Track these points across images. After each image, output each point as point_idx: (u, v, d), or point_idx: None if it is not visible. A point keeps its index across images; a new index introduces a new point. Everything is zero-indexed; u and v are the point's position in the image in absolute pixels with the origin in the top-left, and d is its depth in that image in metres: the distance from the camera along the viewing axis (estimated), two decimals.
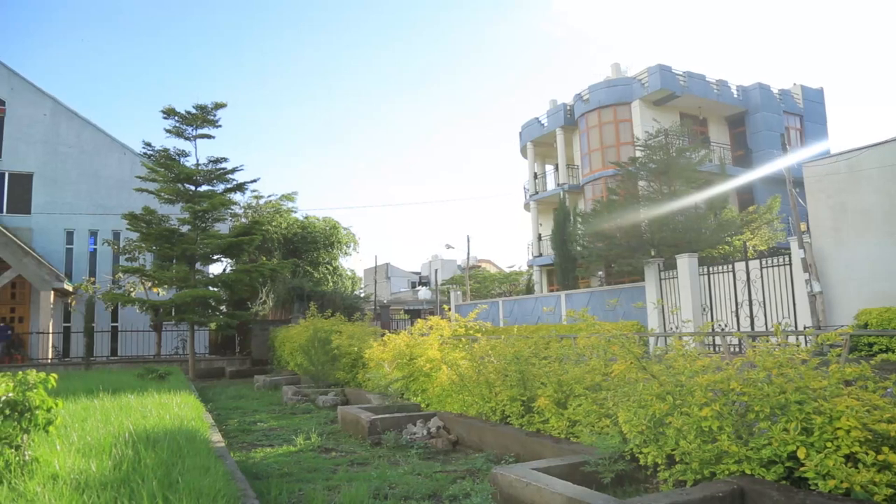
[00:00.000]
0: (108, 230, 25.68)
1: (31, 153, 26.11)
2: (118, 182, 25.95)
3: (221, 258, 21.85)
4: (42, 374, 4.24)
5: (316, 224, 34.04)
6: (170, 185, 19.01)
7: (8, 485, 3.80)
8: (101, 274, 25.11)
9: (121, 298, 19.69)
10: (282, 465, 6.06)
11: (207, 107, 18.94)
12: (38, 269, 21.67)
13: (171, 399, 8.70)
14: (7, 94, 26.23)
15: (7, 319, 24.30)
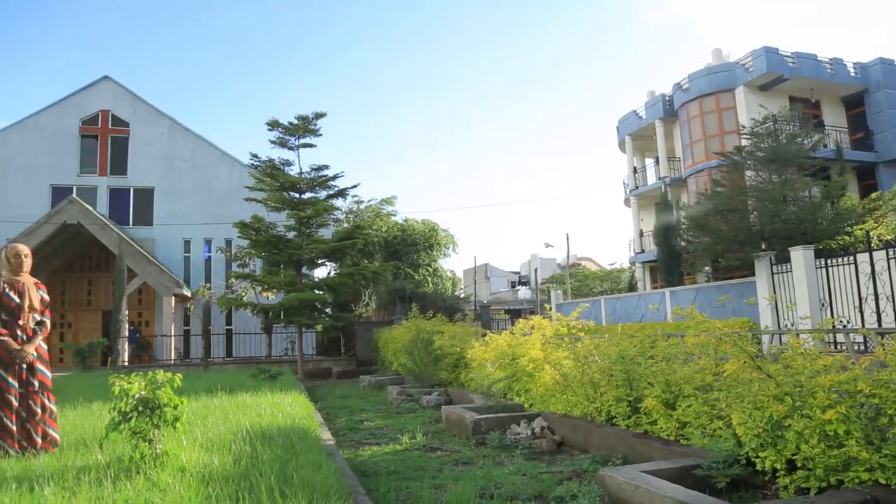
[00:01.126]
0: (220, 238, 27.16)
1: (151, 169, 28.05)
2: (228, 192, 27.38)
3: (326, 262, 22.63)
4: (168, 373, 4.55)
5: (415, 226, 34.62)
6: (276, 193, 19.88)
7: (144, 475, 4.11)
8: (215, 279, 26.59)
9: (234, 303, 20.75)
10: (389, 464, 6.19)
11: (308, 117, 19.65)
12: (161, 277, 23.21)
13: (283, 398, 9.08)
14: (131, 117, 28.27)
15: (135, 323, 26.17)
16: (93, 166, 27.98)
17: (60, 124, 27.86)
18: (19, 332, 5.25)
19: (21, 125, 27.85)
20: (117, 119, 28.24)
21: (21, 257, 5.46)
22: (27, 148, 27.49)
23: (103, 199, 27.52)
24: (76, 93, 28.29)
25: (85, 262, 26.84)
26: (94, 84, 28.49)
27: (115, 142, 28.20)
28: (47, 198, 26.85)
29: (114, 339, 20.91)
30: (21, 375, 5.20)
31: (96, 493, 3.80)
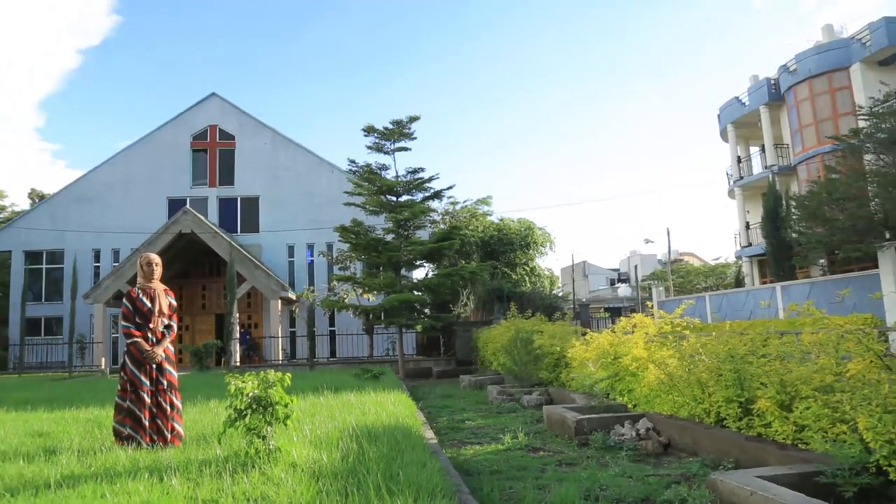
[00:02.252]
0: (322, 243, 28.10)
1: (256, 179, 29.43)
2: (328, 198, 28.27)
3: (424, 263, 22.97)
4: (279, 373, 4.76)
5: (511, 226, 34.52)
6: (373, 197, 20.35)
7: (259, 470, 4.33)
8: (318, 282, 27.54)
9: (336, 305, 21.40)
10: (491, 463, 6.20)
11: (403, 121, 20.00)
12: (268, 281, 24.28)
13: (386, 397, 9.28)
14: (236, 130, 29.78)
15: (245, 325, 27.51)
16: (203, 178, 29.69)
17: (174, 140, 29.73)
18: (150, 335, 5.66)
19: (140, 143, 29.94)
20: (224, 133, 29.82)
21: (153, 266, 5.89)
22: (146, 164, 29.49)
23: (213, 209, 29.12)
24: (187, 110, 30.12)
25: (199, 269, 28.47)
26: (203, 101, 30.23)
27: (222, 154, 29.79)
28: (164, 209, 28.70)
29: (226, 340, 22.05)
30: (152, 374, 5.60)
31: (217, 484, 4.03)
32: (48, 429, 6.77)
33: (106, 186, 29.37)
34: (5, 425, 7.04)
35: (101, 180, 29.55)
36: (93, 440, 5.90)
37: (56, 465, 4.74)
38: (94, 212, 29.02)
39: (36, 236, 28.99)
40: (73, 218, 29.01)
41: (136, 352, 5.58)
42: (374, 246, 20.31)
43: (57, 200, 29.89)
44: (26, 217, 29.95)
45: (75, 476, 4.35)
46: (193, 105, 30.20)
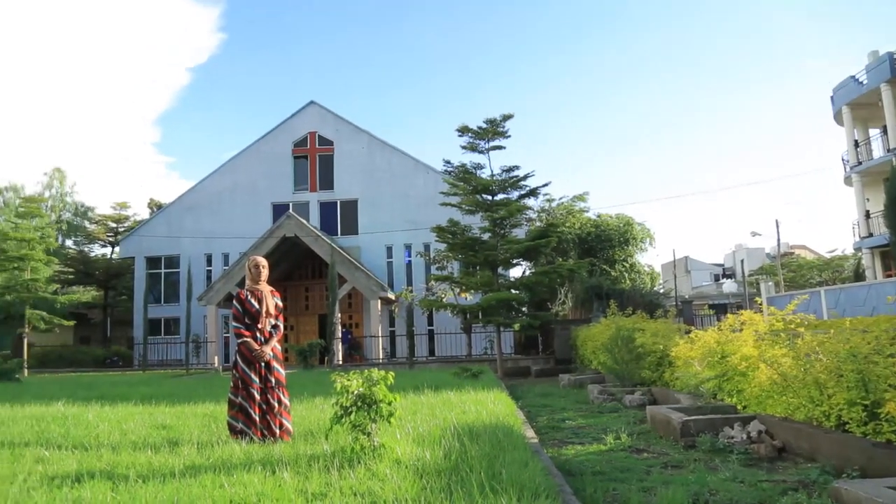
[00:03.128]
0: (419, 243, 28.51)
1: (354, 182, 30.25)
2: (424, 199, 28.66)
3: (520, 262, 22.86)
4: (382, 371, 4.88)
5: (609, 222, 33.80)
6: (469, 196, 20.44)
7: (364, 466, 4.45)
8: (416, 282, 27.97)
9: (434, 304, 21.65)
10: (593, 464, 6.08)
11: (496, 119, 19.97)
12: (367, 282, 24.89)
13: (486, 396, 9.31)
14: (334, 135, 30.72)
15: (347, 325, 28.31)
16: (304, 183, 30.83)
17: (276, 148, 31.05)
18: (259, 335, 5.95)
19: (245, 153, 31.48)
20: (323, 139, 30.86)
21: (260, 268, 6.20)
22: (251, 172, 30.98)
23: (315, 213, 30.17)
24: (287, 119, 31.41)
25: (302, 271, 29.58)
26: (302, 110, 31.41)
27: (322, 160, 30.83)
28: (269, 214, 30.02)
29: (329, 340, 22.77)
30: (261, 372, 5.88)
31: (325, 479, 4.17)
32: (170, 422, 7.22)
33: (215, 195, 31.07)
34: (134, 418, 7.57)
35: (211, 189, 31.29)
36: (210, 434, 6.24)
37: (178, 456, 5.05)
38: (205, 219, 30.76)
39: (154, 243, 31.08)
40: (187, 225, 30.87)
41: (246, 351, 5.87)
42: (471, 245, 20.40)
43: (172, 209, 31.92)
44: (146, 226, 32.15)
45: (196, 466, 4.62)
46: (293, 114, 31.43)
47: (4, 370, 16.85)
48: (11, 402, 9.78)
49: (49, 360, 28.48)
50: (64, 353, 30.14)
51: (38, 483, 4.29)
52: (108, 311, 38.15)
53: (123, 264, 35.06)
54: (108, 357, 30.25)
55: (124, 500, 3.75)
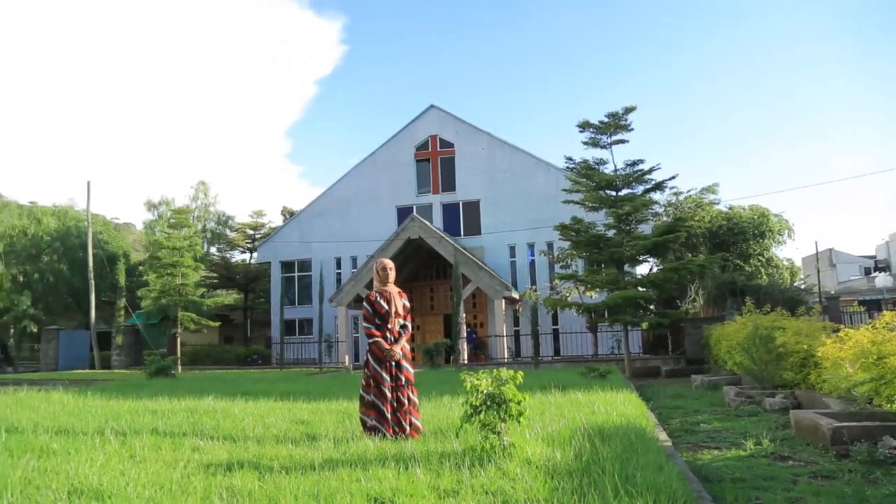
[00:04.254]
0: (542, 242, 28.31)
1: (476, 183, 30.50)
2: (546, 197, 28.43)
3: (647, 258, 22.16)
4: (511, 371, 4.88)
5: (742, 214, 31.97)
6: (592, 193, 20.04)
7: (495, 465, 4.47)
8: (540, 281, 27.79)
9: (559, 303, 21.40)
10: (733, 470, 5.78)
11: (618, 113, 19.45)
12: (491, 281, 25.01)
13: (615, 397, 9.09)
14: (454, 138, 31.14)
15: (471, 325, 28.58)
16: (427, 186, 31.46)
17: (398, 153, 31.92)
18: (388, 334, 6.14)
19: (369, 159, 32.62)
20: (444, 142, 31.35)
21: (388, 270, 6.42)
22: (375, 177, 32.04)
23: (438, 215, 30.71)
24: (408, 124, 32.20)
25: (427, 272, 30.19)
26: (423, 114, 32.08)
27: (443, 162, 31.33)
28: (394, 217, 30.90)
29: (454, 339, 23.08)
30: (391, 371, 6.07)
31: (457, 476, 4.24)
32: (307, 417, 7.59)
33: (342, 200, 32.39)
34: (275, 413, 8.04)
35: (338, 195, 32.66)
36: (344, 429, 6.51)
37: (317, 450, 5.30)
38: (333, 223, 32.16)
39: (288, 248, 32.89)
40: (317, 230, 32.41)
41: (376, 350, 6.08)
42: (595, 242, 19.99)
43: (303, 216, 33.63)
44: (280, 232, 34.09)
45: (333, 461, 4.84)
46: (414, 119, 32.16)
47: (162, 367, 18.42)
48: (169, 395, 10.67)
49: (198, 357, 30.82)
50: (210, 351, 32.51)
51: (195, 470, 4.66)
52: (248, 313, 40.76)
53: (261, 269, 37.34)
54: (248, 355, 32.31)
55: (270, 489, 3.99)
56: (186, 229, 31.64)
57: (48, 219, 38.18)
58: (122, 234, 46.44)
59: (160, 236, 31.31)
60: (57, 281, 36.11)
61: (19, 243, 36.37)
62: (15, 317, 34.00)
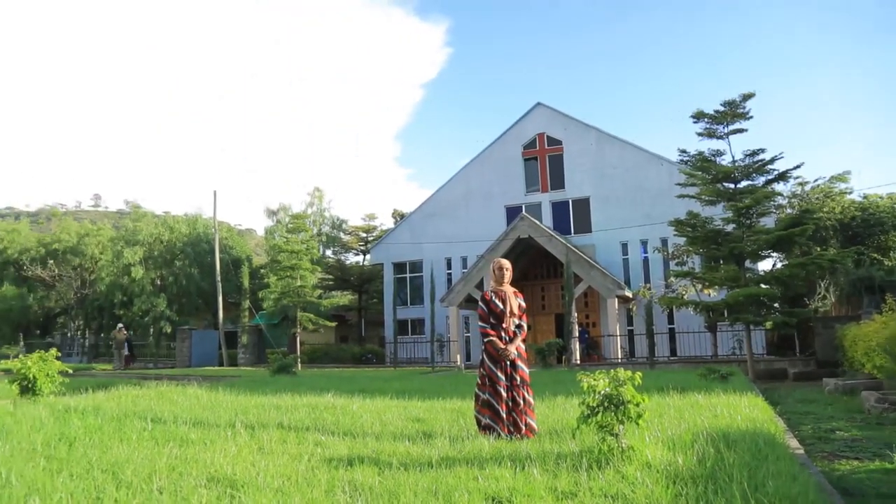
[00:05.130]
0: (656, 238, 27.42)
1: (585, 180, 29.98)
2: (659, 192, 27.56)
3: (770, 254, 20.93)
4: (629, 371, 4.75)
5: (879, 203, 29.52)
6: (708, 186, 19.15)
7: (613, 467, 4.37)
8: (654, 279, 26.91)
9: (675, 302, 20.62)
10: (877, 484, 5.34)
11: (735, 101, 18.48)
12: (603, 280, 24.49)
13: (738, 400, 8.64)
14: (562, 135, 30.75)
15: (583, 324, 28.10)
16: (535, 185, 31.24)
17: (506, 152, 31.89)
18: (503, 334, 6.15)
19: (477, 160, 32.78)
20: (552, 139, 31.01)
21: (503, 270, 6.44)
22: (483, 177, 32.17)
23: (547, 213, 30.43)
24: (516, 123, 32.08)
25: (537, 271, 29.97)
26: (529, 112, 31.87)
27: (552, 160, 30.99)
28: (503, 217, 30.91)
29: (566, 339, 22.76)
30: (506, 370, 6.07)
31: (574, 478, 4.18)
32: (423, 415, 7.72)
33: (452, 201, 32.76)
34: (391, 410, 8.24)
35: (447, 196, 33.06)
36: (459, 428, 6.57)
37: (433, 448, 5.38)
38: (443, 224, 32.58)
39: (399, 250, 33.64)
40: (427, 231, 32.95)
41: (492, 350, 6.10)
42: (713, 238, 19.08)
43: (413, 217, 34.29)
44: (392, 234, 34.93)
45: (450, 458, 4.90)
46: (521, 117, 32.00)
47: (284, 365, 19.33)
48: (291, 391, 11.18)
49: (316, 356, 32.09)
50: (328, 350, 33.78)
51: (318, 463, 4.86)
52: (362, 313, 42.04)
53: (374, 270, 38.43)
54: (363, 354, 33.30)
55: (390, 485, 4.09)
56: (303, 234, 33.06)
57: (180, 226, 41.09)
58: (244, 240, 49.30)
59: (279, 241, 32.86)
60: (189, 284, 38.78)
61: (156, 250, 39.37)
62: (153, 317, 36.81)
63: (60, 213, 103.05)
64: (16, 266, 42.72)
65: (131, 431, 6.50)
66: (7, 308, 39.90)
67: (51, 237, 45.21)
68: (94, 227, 47.33)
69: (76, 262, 42.31)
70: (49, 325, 45.04)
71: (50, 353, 10.40)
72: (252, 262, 42.09)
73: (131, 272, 37.22)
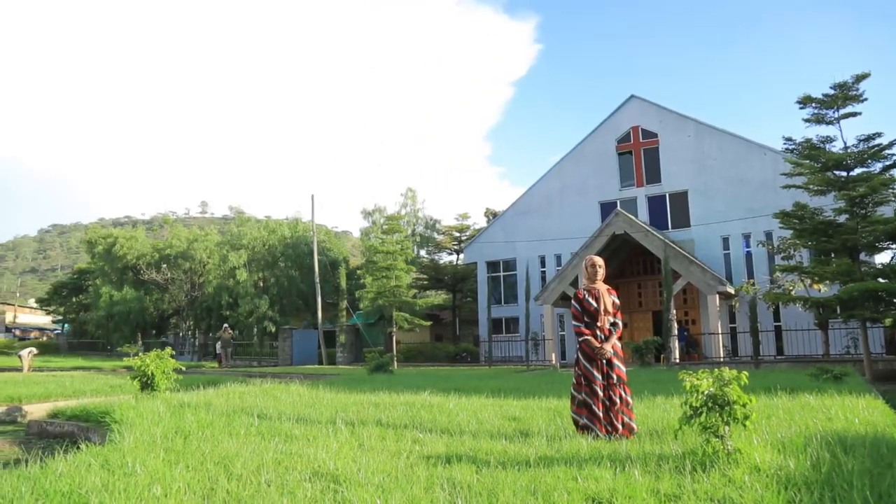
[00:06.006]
0: (759, 231, 26.18)
1: (682, 173, 28.97)
2: (762, 183, 26.33)
3: (890, 245, 19.49)
4: (734, 371, 4.56)
5: None
6: (817, 175, 18.09)
7: (719, 470, 4.20)
8: (758, 274, 25.65)
9: (781, 298, 19.61)
10: None
11: (847, 83, 17.36)
12: (703, 276, 23.59)
13: (855, 402, 8.11)
14: (658, 127, 29.85)
15: (682, 322, 27.18)
16: (630, 179, 30.45)
17: (599, 147, 31.25)
18: (598, 332, 6.04)
19: (569, 156, 32.31)
20: (646, 132, 30.12)
21: (597, 268, 6.32)
22: (576, 173, 31.68)
23: (643, 208, 29.60)
24: (609, 117, 31.36)
25: (633, 268, 29.23)
26: (623, 105, 31.08)
27: (647, 153, 30.12)
28: (597, 213, 30.34)
29: (665, 337, 22.09)
30: (602, 369, 5.96)
31: (677, 480, 4.05)
32: (519, 414, 7.70)
33: (544, 198, 32.45)
34: (487, 409, 8.26)
35: (540, 193, 32.77)
36: (556, 427, 6.50)
37: (530, 447, 5.36)
38: (536, 222, 32.33)
39: (493, 248, 33.65)
40: (520, 229, 32.78)
41: (587, 348, 6.00)
42: (823, 230, 17.99)
43: (506, 216, 34.21)
44: (485, 233, 34.98)
45: (547, 458, 4.86)
46: (614, 111, 31.27)
47: (381, 363, 19.77)
48: (388, 389, 11.42)
49: (411, 355, 32.64)
50: (422, 349, 34.29)
51: (417, 460, 4.94)
52: (456, 312, 42.36)
53: (467, 269, 38.64)
54: (457, 353, 33.56)
55: (488, 483, 4.11)
56: (398, 234, 33.66)
57: (281, 230, 42.80)
58: (341, 242, 50.73)
59: (375, 242, 33.64)
60: (289, 285, 40.33)
61: (259, 253, 41.17)
62: (257, 318, 38.51)
63: (171, 220, 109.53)
64: (134, 270, 45.75)
65: (239, 426, 6.84)
66: (127, 310, 42.83)
67: (163, 243, 48.17)
68: (201, 232, 50.06)
69: (186, 265, 44.85)
70: (163, 325, 47.99)
71: (165, 352, 11.12)
72: (349, 263, 43.28)
73: (236, 275, 39.12)
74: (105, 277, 46.03)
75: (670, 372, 16.64)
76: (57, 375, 19.83)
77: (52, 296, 57.40)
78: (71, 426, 8.84)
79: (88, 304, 49.13)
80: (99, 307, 43.95)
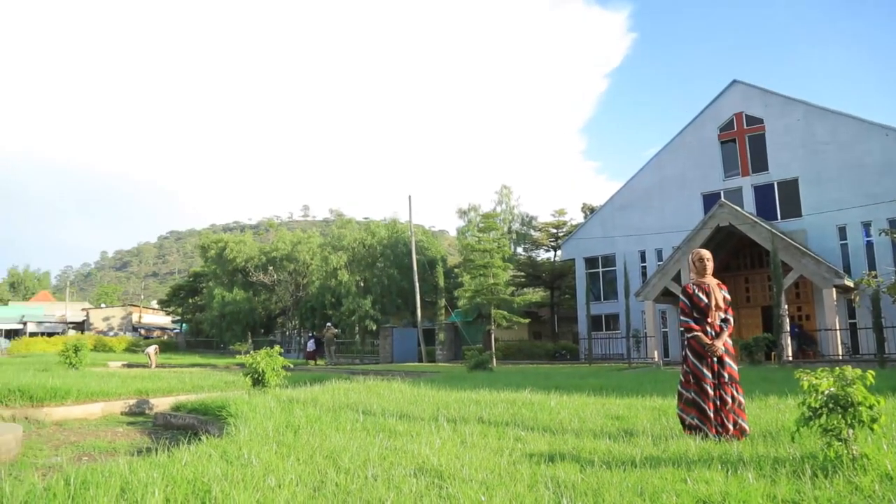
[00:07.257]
0: (881, 219, 24.41)
1: (791, 159, 27.43)
2: (883, 166, 24.60)
3: None
4: (858, 370, 4.27)
5: None
6: None
7: (843, 476, 3.94)
8: (881, 266, 23.94)
9: None
10: None
11: None
12: (817, 268, 22.25)
13: None
14: (763, 112, 28.39)
15: (795, 318, 25.71)
16: (734, 169, 29.09)
17: (700, 136, 30.04)
18: (708, 329, 5.81)
19: (669, 147, 31.23)
20: (751, 118, 28.69)
21: (705, 261, 6.09)
22: (677, 164, 30.60)
23: (749, 198, 28.23)
24: (709, 105, 30.08)
25: (739, 261, 27.95)
26: (725, 91, 29.73)
27: (752, 141, 28.69)
28: (699, 205, 29.20)
29: (776, 333, 20.99)
30: (713, 367, 5.72)
31: (795, 485, 3.83)
32: (622, 413, 7.53)
33: (643, 192, 31.55)
34: (589, 407, 8.13)
35: (639, 187, 31.88)
36: (661, 427, 6.31)
37: (635, 447, 5.23)
38: (635, 216, 31.48)
39: (591, 244, 33.07)
40: (619, 224, 32.02)
41: (696, 345, 5.78)
42: None
43: (604, 211, 33.50)
44: (582, 229, 34.41)
45: (653, 458, 4.73)
46: (715, 98, 29.98)
47: (480, 361, 19.85)
48: (488, 387, 11.45)
49: (510, 352, 32.55)
50: (521, 346, 34.12)
51: (520, 458, 4.94)
52: (554, 309, 41.92)
53: (565, 266, 38.17)
54: (556, 351, 33.18)
55: (593, 483, 4.04)
56: (494, 232, 33.65)
57: (380, 231, 43.77)
58: (438, 241, 51.27)
59: (471, 240, 33.79)
60: (389, 284, 41.18)
61: (359, 254, 42.29)
62: (359, 316, 39.56)
63: (276, 224, 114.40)
64: (243, 273, 48.10)
65: (345, 422, 7.06)
66: (237, 310, 45.13)
67: (269, 246, 50.38)
68: (304, 235, 51.98)
69: (291, 267, 46.71)
70: (271, 324, 50.22)
71: (274, 350, 11.64)
72: (446, 261, 43.70)
73: (338, 275, 40.38)
74: (217, 280, 48.70)
75: (782, 370, 15.80)
76: (177, 371, 21.14)
77: (172, 297, 61.36)
78: (191, 419, 9.42)
79: (203, 305, 52.16)
80: (212, 308, 46.53)
